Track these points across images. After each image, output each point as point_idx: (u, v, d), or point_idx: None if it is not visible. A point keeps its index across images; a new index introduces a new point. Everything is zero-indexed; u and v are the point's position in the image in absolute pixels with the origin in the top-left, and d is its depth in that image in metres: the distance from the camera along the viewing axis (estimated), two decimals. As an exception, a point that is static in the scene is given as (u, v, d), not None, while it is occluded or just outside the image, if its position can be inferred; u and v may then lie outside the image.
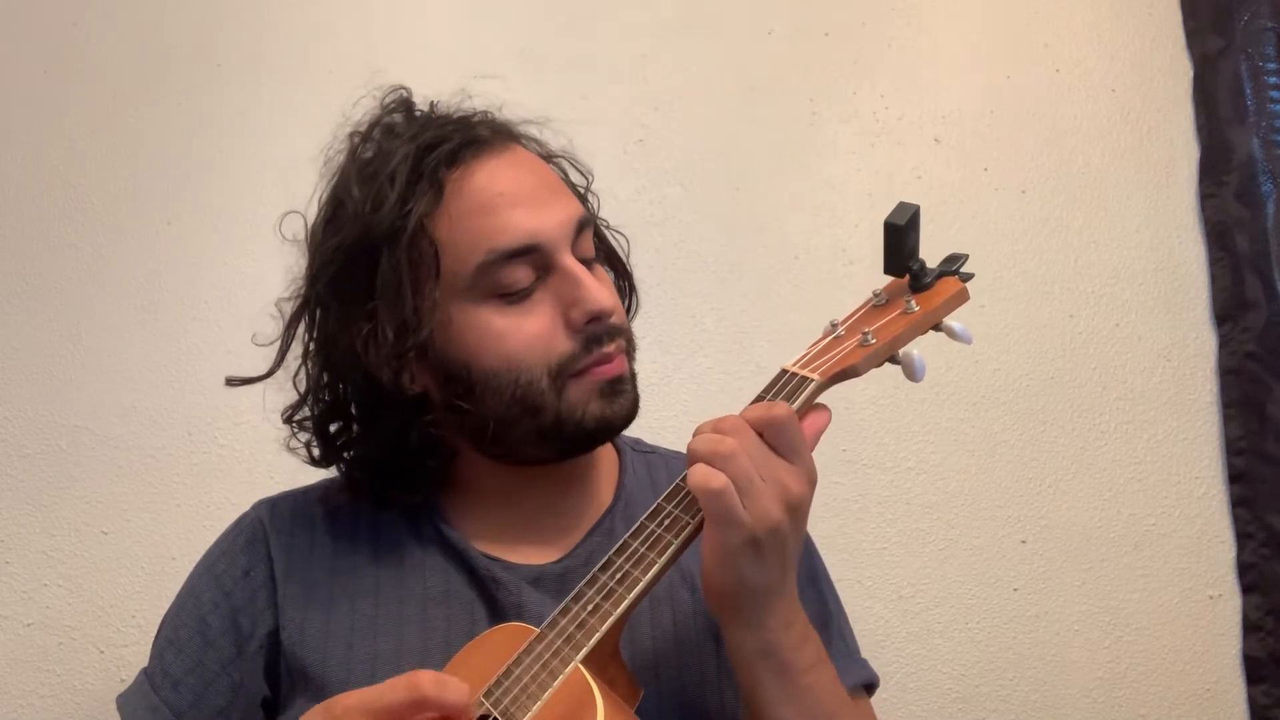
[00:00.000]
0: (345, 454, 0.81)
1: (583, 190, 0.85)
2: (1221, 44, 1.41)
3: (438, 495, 0.81)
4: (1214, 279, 1.39)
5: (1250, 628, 1.30)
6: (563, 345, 0.72)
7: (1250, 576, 1.31)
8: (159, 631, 0.80)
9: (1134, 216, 1.41)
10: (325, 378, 0.79)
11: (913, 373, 0.68)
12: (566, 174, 0.84)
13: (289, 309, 0.80)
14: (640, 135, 1.41)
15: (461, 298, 0.72)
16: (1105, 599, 1.32)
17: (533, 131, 0.82)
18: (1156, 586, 1.32)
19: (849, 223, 1.40)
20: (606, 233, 0.87)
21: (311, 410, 0.80)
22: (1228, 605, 1.31)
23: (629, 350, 0.78)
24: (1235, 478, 1.34)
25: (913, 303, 0.69)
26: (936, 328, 0.70)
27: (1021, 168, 1.42)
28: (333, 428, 0.81)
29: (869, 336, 0.68)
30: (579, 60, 1.42)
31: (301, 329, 0.80)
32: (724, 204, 1.40)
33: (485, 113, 0.80)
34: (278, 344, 0.81)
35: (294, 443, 0.82)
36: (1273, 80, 1.39)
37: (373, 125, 0.79)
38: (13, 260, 1.33)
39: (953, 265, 0.71)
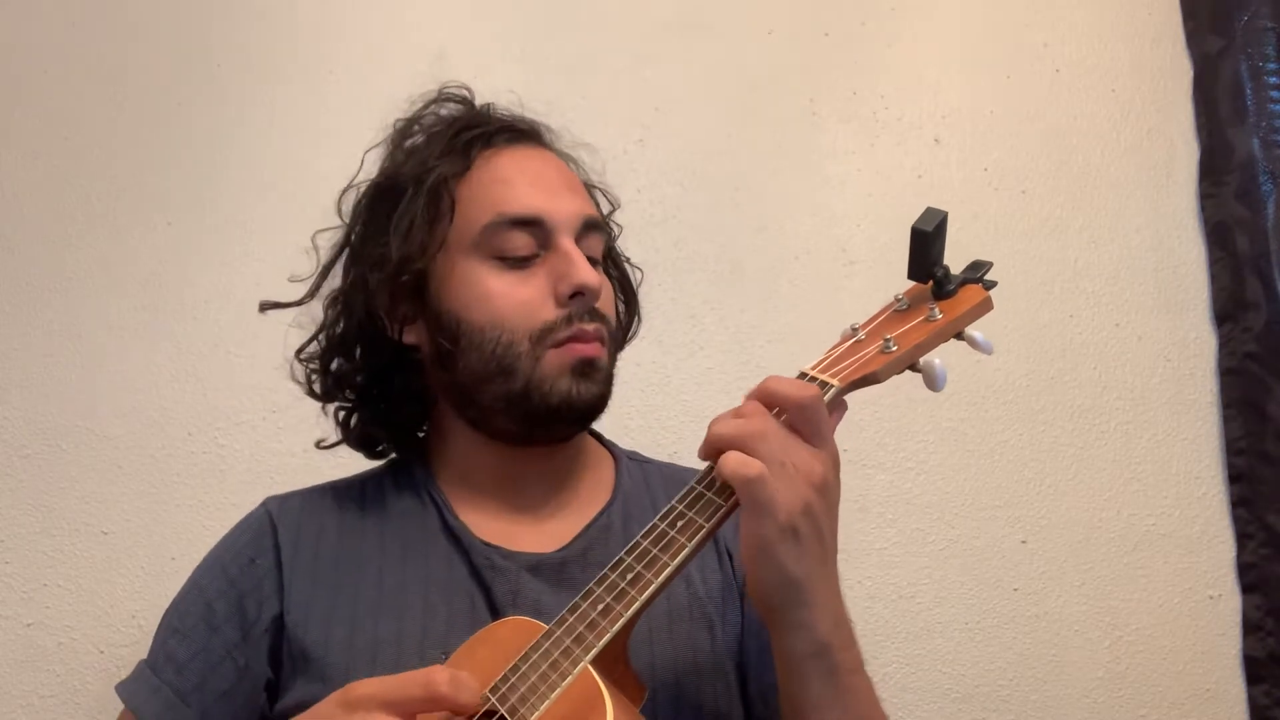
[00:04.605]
0: (342, 391, 0.86)
1: (606, 214, 0.90)
2: (1221, 44, 1.41)
3: (441, 485, 0.83)
4: (1214, 279, 1.39)
5: (1250, 628, 1.30)
6: (547, 313, 0.76)
7: (1250, 576, 1.31)
8: (162, 624, 0.80)
9: (1134, 216, 1.41)
10: (340, 319, 0.84)
11: (934, 382, 0.67)
12: (596, 201, 0.88)
13: (324, 241, 0.87)
14: (640, 135, 1.41)
15: (466, 253, 0.77)
16: (1105, 599, 1.31)
17: (572, 154, 0.88)
18: (1156, 586, 1.32)
19: (849, 223, 1.40)
20: (624, 263, 0.92)
21: (320, 346, 0.87)
22: (1228, 605, 1.31)
23: (610, 346, 0.81)
24: (1235, 478, 1.34)
25: (936, 310, 0.68)
26: (959, 336, 0.69)
27: (1021, 168, 1.42)
28: (336, 367, 0.86)
29: (891, 343, 0.66)
30: (579, 60, 1.42)
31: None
32: (724, 204, 1.40)
33: (533, 119, 0.86)
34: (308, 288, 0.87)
35: (296, 376, 0.88)
36: (1273, 80, 1.39)
37: (425, 106, 0.86)
38: (13, 260, 1.33)
39: (976, 273, 0.70)
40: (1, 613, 1.24)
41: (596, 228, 0.81)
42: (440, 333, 0.78)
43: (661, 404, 1.34)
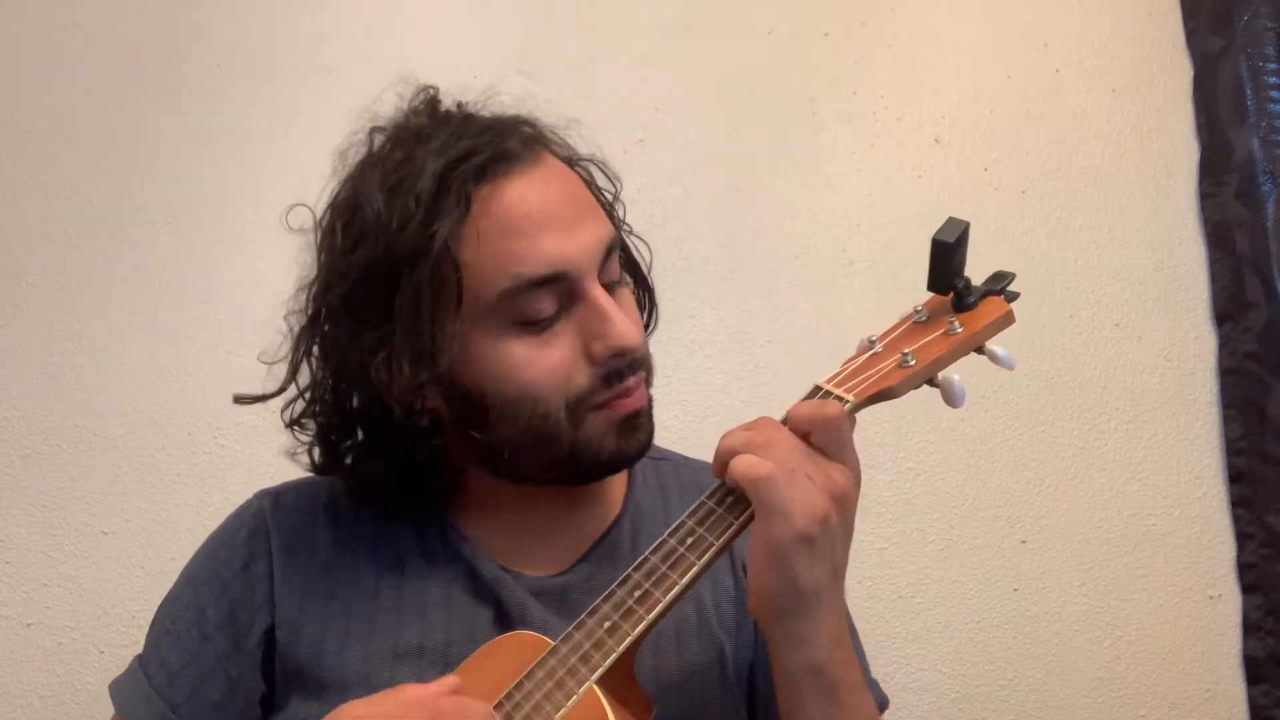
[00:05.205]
0: (347, 461, 0.79)
1: (610, 197, 0.82)
2: (1221, 44, 1.41)
3: (445, 501, 0.80)
4: (1214, 279, 1.39)
5: (1250, 628, 1.30)
6: (581, 379, 0.70)
7: (1250, 576, 1.31)
8: (155, 620, 0.79)
9: (1134, 216, 1.41)
10: (331, 384, 0.77)
11: (952, 398, 0.65)
12: (594, 179, 0.81)
13: (295, 321, 0.77)
14: (640, 135, 1.41)
15: (482, 323, 0.69)
16: (1105, 599, 1.31)
17: (562, 134, 0.79)
18: (1156, 586, 1.32)
19: (849, 223, 1.40)
20: (630, 240, 0.84)
21: (315, 416, 0.79)
22: (1228, 605, 1.31)
23: (648, 379, 0.76)
24: (1235, 478, 1.33)
25: (956, 323, 0.65)
26: (979, 350, 0.67)
27: (1021, 168, 1.42)
28: (335, 435, 0.79)
29: (909, 357, 0.64)
30: (579, 60, 1.42)
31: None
32: (724, 204, 1.40)
33: (515, 117, 0.77)
34: (286, 359, 0.78)
35: (298, 449, 0.81)
36: (1273, 80, 1.39)
37: (398, 128, 0.75)
38: (13, 260, 1.33)
39: (998, 284, 0.67)
40: (1, 613, 1.24)
41: (614, 247, 0.73)
42: (464, 408, 0.71)
43: (661, 404, 1.31)
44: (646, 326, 0.84)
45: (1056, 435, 1.36)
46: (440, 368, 0.68)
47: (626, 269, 0.82)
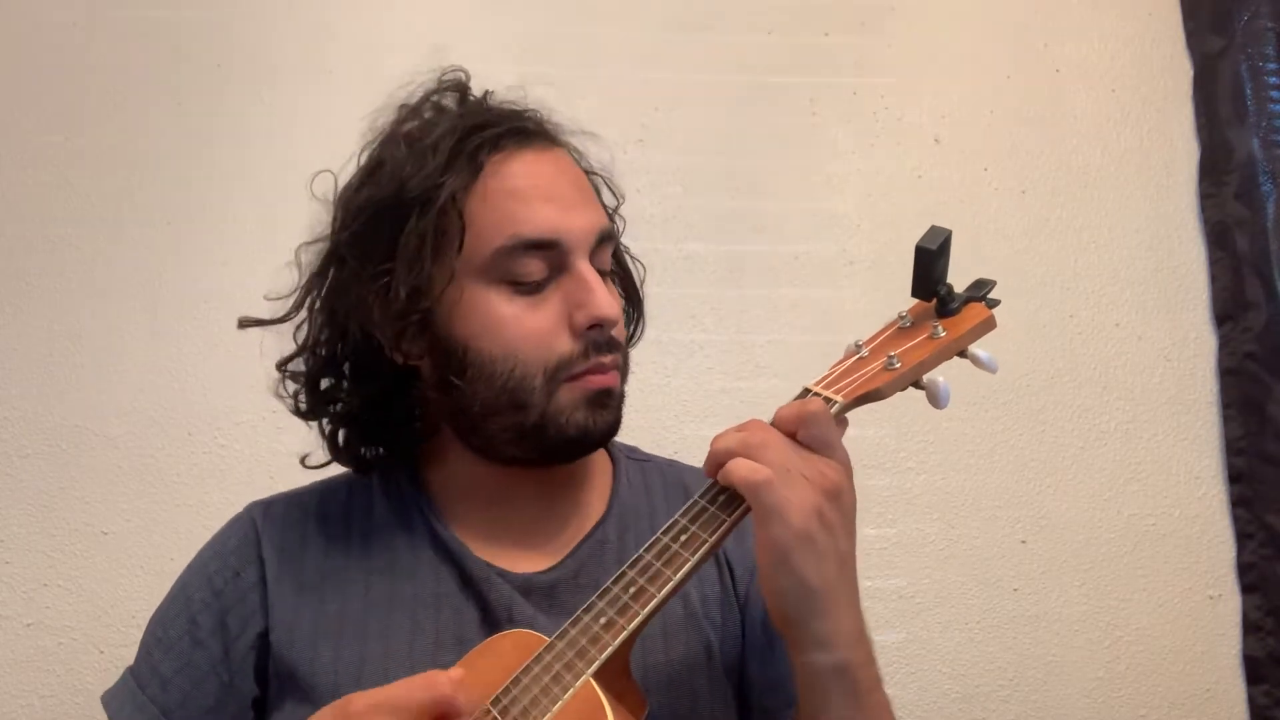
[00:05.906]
0: (330, 408, 0.82)
1: (611, 210, 0.85)
2: (1221, 44, 1.41)
3: (431, 495, 0.81)
4: (1214, 279, 1.39)
5: (1250, 628, 1.30)
6: (563, 346, 0.73)
7: (1250, 576, 1.31)
8: (147, 631, 0.79)
9: (1134, 216, 1.41)
10: (326, 332, 0.80)
11: (937, 400, 0.67)
12: (599, 192, 0.84)
13: (307, 255, 0.81)
14: (640, 135, 1.41)
15: (475, 277, 0.73)
16: (1105, 599, 1.32)
17: (576, 143, 0.83)
18: (1156, 586, 1.32)
19: (849, 223, 1.40)
20: (626, 258, 0.88)
21: (307, 363, 0.82)
22: (1228, 605, 1.31)
23: (623, 370, 0.78)
24: (1235, 478, 1.34)
25: (939, 328, 0.67)
26: (962, 354, 0.69)
27: (1021, 168, 1.42)
28: (324, 385, 0.82)
29: (894, 360, 0.66)
30: (579, 60, 1.42)
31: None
32: (724, 204, 1.40)
33: (536, 111, 0.81)
34: (292, 295, 0.82)
35: (282, 390, 0.83)
36: (1273, 80, 1.39)
37: (424, 98, 0.80)
38: (13, 260, 1.33)
39: (980, 291, 0.70)
40: (1, 613, 1.24)
41: (609, 238, 0.77)
42: (446, 360, 0.74)
43: (661, 404, 1.34)
44: (631, 339, 0.87)
45: (1056, 435, 1.36)
46: (431, 301, 0.72)
47: (620, 283, 0.85)
